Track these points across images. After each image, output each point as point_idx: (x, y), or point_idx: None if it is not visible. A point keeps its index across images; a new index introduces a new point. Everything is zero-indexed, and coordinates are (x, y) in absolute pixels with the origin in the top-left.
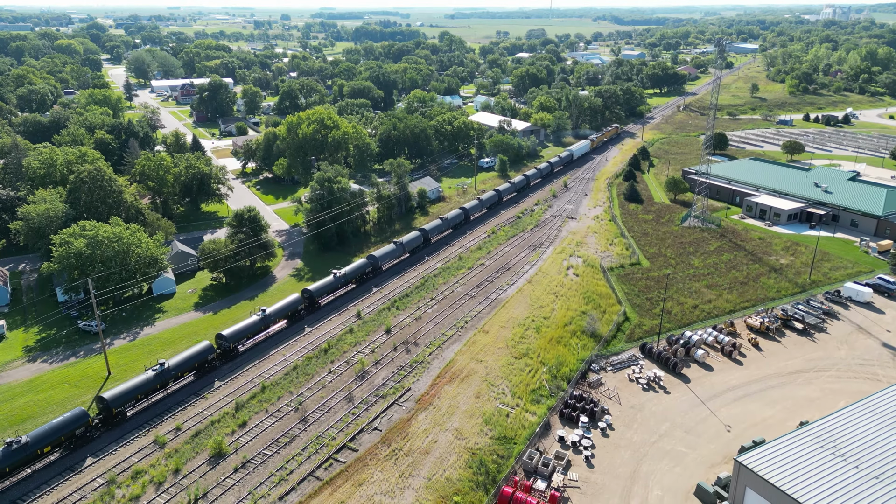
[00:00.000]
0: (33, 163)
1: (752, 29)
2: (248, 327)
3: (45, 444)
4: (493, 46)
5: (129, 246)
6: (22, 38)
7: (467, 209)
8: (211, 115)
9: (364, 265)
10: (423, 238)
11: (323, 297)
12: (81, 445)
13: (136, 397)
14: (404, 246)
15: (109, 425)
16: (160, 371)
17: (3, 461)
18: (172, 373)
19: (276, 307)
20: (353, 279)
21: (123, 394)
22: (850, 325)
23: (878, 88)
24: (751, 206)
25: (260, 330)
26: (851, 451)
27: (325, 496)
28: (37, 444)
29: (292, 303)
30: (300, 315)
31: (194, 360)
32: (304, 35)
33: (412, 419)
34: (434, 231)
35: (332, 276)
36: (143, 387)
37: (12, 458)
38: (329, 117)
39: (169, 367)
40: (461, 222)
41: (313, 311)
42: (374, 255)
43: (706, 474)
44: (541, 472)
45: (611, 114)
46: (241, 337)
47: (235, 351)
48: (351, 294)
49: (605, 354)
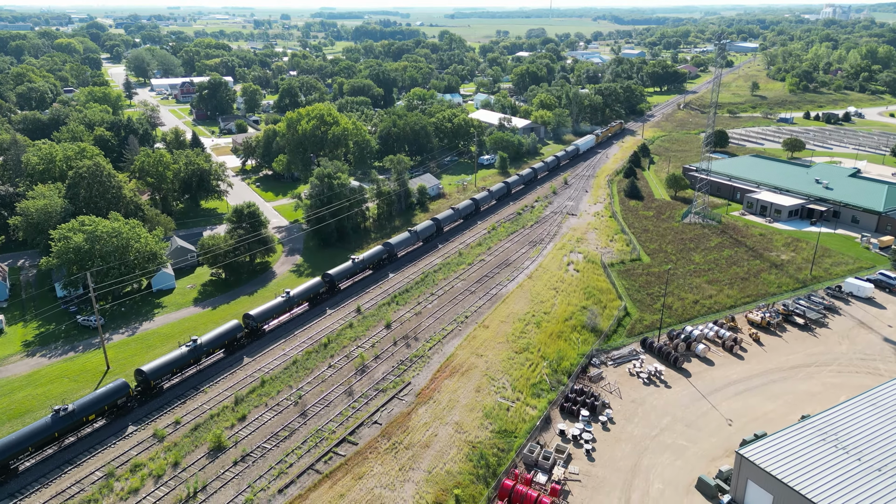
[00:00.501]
0: (32, 159)
1: (752, 28)
2: (274, 308)
3: (90, 412)
4: (493, 45)
5: (128, 241)
6: (22, 37)
7: (478, 199)
8: (211, 113)
9: (380, 252)
10: (436, 227)
11: (342, 282)
12: (123, 415)
13: (172, 371)
14: (418, 234)
15: (147, 396)
16: (193, 347)
17: (53, 427)
18: (204, 349)
19: (298, 290)
20: (370, 265)
21: (160, 367)
22: (852, 320)
23: (878, 87)
24: (751, 203)
25: (284, 311)
26: (853, 444)
27: (324, 489)
28: (82, 412)
29: (314, 286)
30: (322, 298)
31: (224, 338)
32: (304, 34)
33: (412, 413)
34: (447, 220)
35: (350, 261)
36: (178, 361)
37: (61, 424)
38: (329, 113)
39: (201, 343)
40: (472, 212)
41: (333, 294)
42: (389, 243)
43: (707, 468)
44: (541, 466)
45: (611, 111)
46: (267, 317)
47: (262, 330)
48: (369, 279)
49: (606, 349)
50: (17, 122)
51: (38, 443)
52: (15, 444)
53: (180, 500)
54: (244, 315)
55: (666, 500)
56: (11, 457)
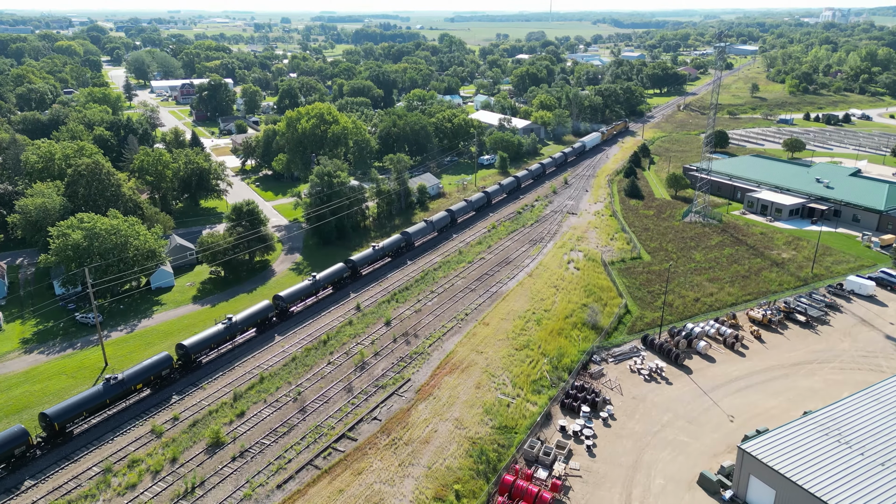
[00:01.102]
0: (31, 157)
1: (752, 31)
2: (301, 291)
3: (137, 381)
4: (492, 48)
5: (126, 238)
6: (22, 39)
7: (490, 192)
8: (210, 114)
9: (399, 240)
10: (450, 218)
11: (364, 268)
12: (165, 385)
13: (210, 346)
14: (434, 224)
15: (188, 369)
16: (229, 325)
17: (105, 394)
18: (239, 327)
19: (323, 274)
20: (389, 252)
21: (200, 342)
22: (853, 317)
23: (878, 89)
24: (752, 202)
25: (311, 294)
26: (856, 439)
27: (323, 484)
28: (131, 381)
29: (338, 271)
30: (344, 282)
31: (257, 317)
32: (304, 37)
33: (412, 409)
34: (460, 212)
35: (371, 248)
36: (215, 337)
37: (112, 391)
38: (329, 112)
39: (235, 322)
40: (484, 205)
41: (355, 279)
42: (407, 232)
43: (709, 463)
44: (542, 461)
45: (611, 112)
46: (295, 299)
47: (290, 311)
48: (389, 265)
49: (607, 346)
50: (17, 123)
51: (91, 409)
52: (72, 408)
53: (178, 496)
54: (274, 296)
55: (667, 496)
56: (68, 420)
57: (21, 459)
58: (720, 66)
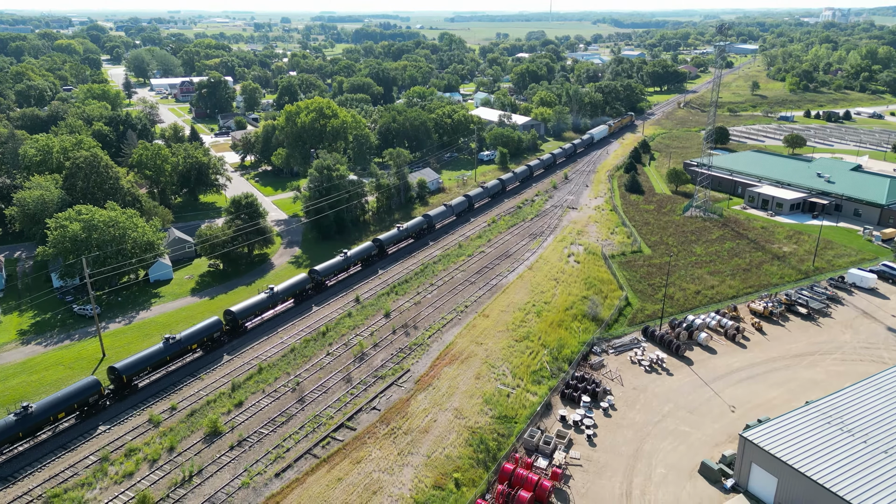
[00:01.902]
0: (29, 151)
1: (752, 31)
2: (335, 266)
3: (193, 342)
4: (492, 47)
5: (125, 230)
6: (22, 38)
7: (504, 180)
8: (210, 112)
9: (421, 222)
10: (468, 202)
11: (390, 247)
12: (216, 348)
13: (255, 312)
14: (453, 208)
15: (235, 335)
16: (271, 294)
17: (165, 352)
18: (280, 297)
19: (354, 251)
20: (413, 233)
21: (246, 308)
22: (855, 310)
23: (878, 87)
24: (753, 197)
25: (343, 269)
26: (859, 427)
27: (322, 473)
28: (187, 342)
29: (366, 248)
30: (373, 260)
31: (294, 289)
32: (304, 37)
33: (411, 399)
34: (477, 198)
35: (396, 229)
36: (259, 305)
37: (171, 349)
38: (328, 106)
39: (277, 291)
40: (499, 191)
41: (383, 257)
42: (429, 214)
43: (711, 453)
44: (542, 451)
45: (611, 109)
46: (329, 273)
47: (325, 285)
48: (412, 245)
49: (607, 337)
50: (16, 119)
51: (154, 364)
52: (137, 363)
53: (175, 484)
54: (310, 270)
55: (669, 485)
56: (134, 374)
57: (94, 407)
58: (720, 64)
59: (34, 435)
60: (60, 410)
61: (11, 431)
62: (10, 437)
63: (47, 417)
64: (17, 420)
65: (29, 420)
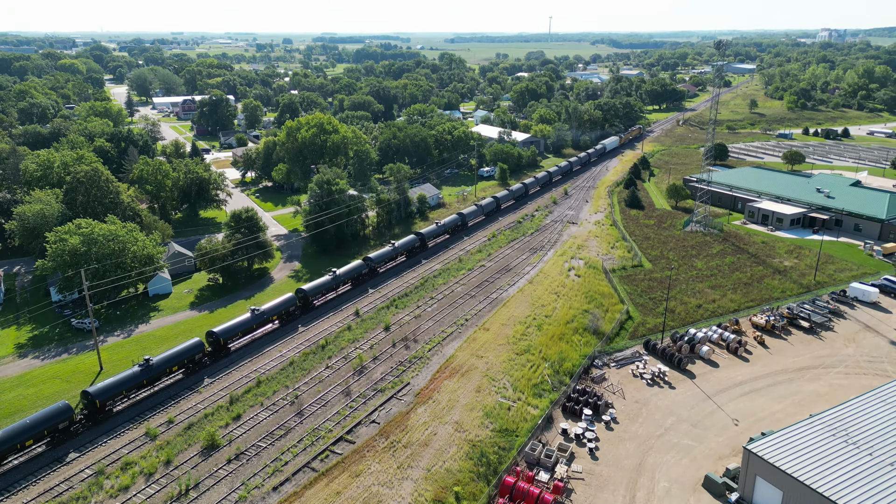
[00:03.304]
0: (30, 166)
1: (750, 51)
2: (323, 285)
3: (172, 364)
4: (492, 66)
5: (124, 244)
6: (25, 58)
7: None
8: (212, 129)
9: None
10: (461, 220)
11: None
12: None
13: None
14: (483, 208)
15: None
16: (255, 314)
17: (141, 375)
18: (264, 317)
19: (344, 270)
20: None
21: (229, 329)
22: (857, 323)
23: (875, 105)
24: (753, 212)
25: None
26: (864, 439)
27: (320, 487)
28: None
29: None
30: (364, 278)
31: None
32: (305, 57)
33: (411, 412)
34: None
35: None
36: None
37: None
38: (329, 122)
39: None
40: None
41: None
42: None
43: (714, 466)
44: (543, 464)
45: (610, 126)
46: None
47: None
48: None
49: (609, 351)
50: (18, 136)
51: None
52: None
53: (172, 498)
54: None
55: (672, 499)
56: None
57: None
58: (718, 83)
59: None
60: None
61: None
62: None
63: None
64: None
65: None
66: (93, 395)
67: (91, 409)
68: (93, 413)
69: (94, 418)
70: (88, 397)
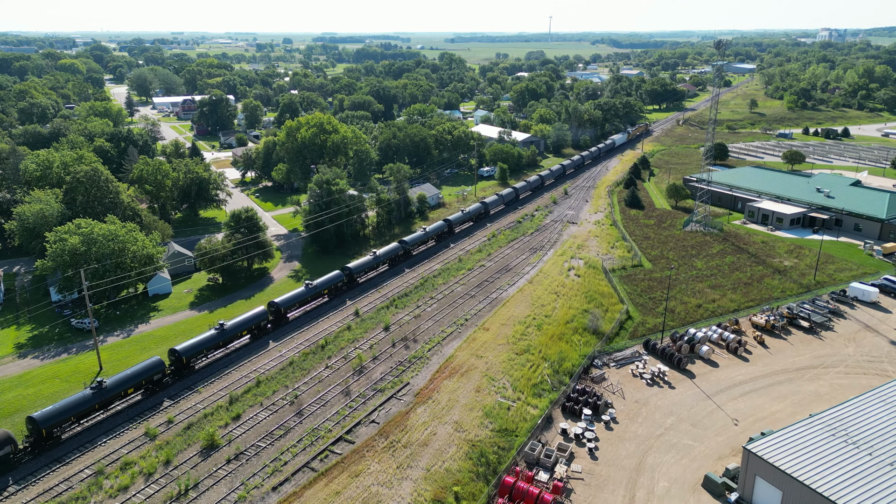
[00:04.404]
0: (30, 166)
1: (750, 50)
2: (296, 297)
3: (128, 386)
4: (492, 66)
5: (124, 244)
6: (26, 58)
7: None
8: (212, 129)
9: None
10: (483, 208)
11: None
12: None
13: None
14: (503, 197)
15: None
16: (221, 330)
17: (93, 399)
18: (232, 333)
19: (319, 281)
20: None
21: (193, 347)
22: (857, 323)
23: (875, 105)
24: (753, 212)
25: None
26: (864, 439)
27: (319, 487)
28: (120, 387)
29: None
30: (341, 290)
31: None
32: (305, 57)
33: (411, 412)
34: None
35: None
36: (208, 342)
37: (100, 396)
38: (328, 122)
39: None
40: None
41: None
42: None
43: (714, 466)
44: (543, 464)
45: (610, 126)
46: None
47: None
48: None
49: (608, 351)
50: (18, 136)
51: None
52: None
53: (171, 498)
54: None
55: (672, 498)
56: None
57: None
58: (718, 83)
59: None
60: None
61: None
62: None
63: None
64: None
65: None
66: (38, 421)
67: (36, 436)
68: (38, 441)
69: (39, 446)
70: (34, 423)
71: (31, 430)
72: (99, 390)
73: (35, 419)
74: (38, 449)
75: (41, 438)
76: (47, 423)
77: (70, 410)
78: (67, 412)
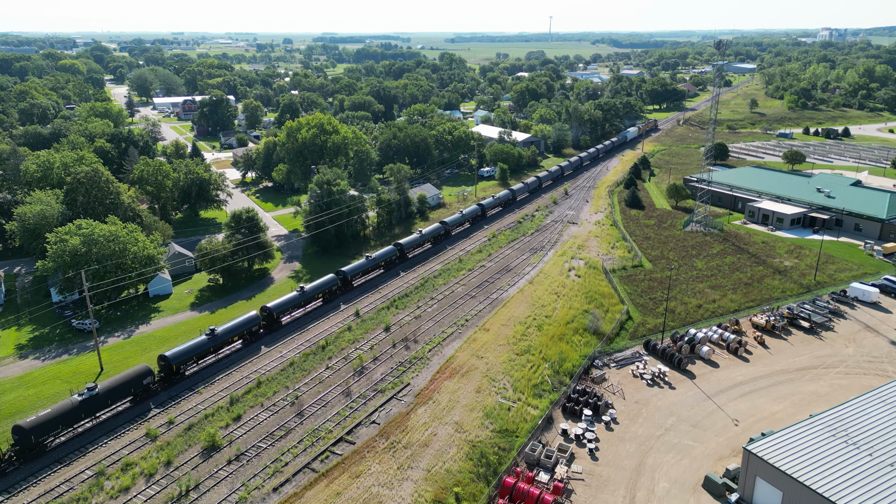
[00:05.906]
0: (31, 167)
1: (750, 50)
2: (289, 301)
3: (232, 335)
4: (492, 66)
5: (125, 245)
6: (26, 58)
7: (517, 189)
8: (212, 129)
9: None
10: (481, 210)
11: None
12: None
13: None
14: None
15: (271, 328)
16: (212, 336)
17: (209, 343)
18: (223, 338)
19: (313, 285)
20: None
21: (182, 353)
22: (858, 323)
23: (876, 104)
24: (753, 212)
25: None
26: (864, 440)
27: (320, 487)
28: (225, 336)
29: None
30: (336, 294)
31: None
32: (306, 57)
33: (411, 413)
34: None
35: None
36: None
37: (214, 341)
38: (329, 122)
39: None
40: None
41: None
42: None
43: (714, 467)
44: (543, 464)
45: (610, 126)
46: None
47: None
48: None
49: (609, 351)
50: (19, 137)
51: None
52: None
53: (172, 499)
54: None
55: (672, 499)
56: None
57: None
58: (719, 83)
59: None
60: (234, 335)
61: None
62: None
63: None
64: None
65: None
66: (26, 429)
67: (24, 444)
68: (24, 450)
69: (25, 455)
70: (21, 432)
71: (17, 440)
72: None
73: (23, 427)
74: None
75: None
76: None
77: (56, 420)
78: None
